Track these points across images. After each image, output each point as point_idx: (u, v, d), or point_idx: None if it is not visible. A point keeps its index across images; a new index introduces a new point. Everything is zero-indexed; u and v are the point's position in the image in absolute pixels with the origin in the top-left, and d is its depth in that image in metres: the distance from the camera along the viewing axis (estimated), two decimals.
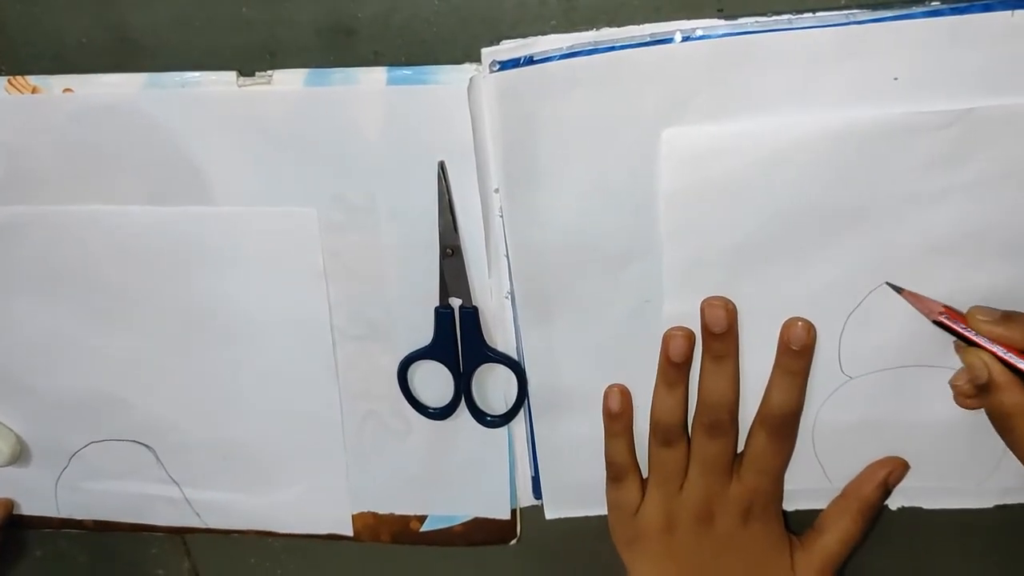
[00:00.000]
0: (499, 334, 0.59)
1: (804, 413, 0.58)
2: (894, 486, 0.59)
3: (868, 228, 0.52)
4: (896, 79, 0.49)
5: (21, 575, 0.73)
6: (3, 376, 0.66)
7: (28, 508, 0.71)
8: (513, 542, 0.66)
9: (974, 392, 0.53)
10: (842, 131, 0.50)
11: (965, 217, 0.52)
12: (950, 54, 0.48)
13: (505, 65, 0.51)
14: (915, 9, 0.47)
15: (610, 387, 0.59)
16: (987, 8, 0.46)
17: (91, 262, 0.61)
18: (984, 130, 0.49)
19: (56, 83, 0.55)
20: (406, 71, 0.53)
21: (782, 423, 0.57)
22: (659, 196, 0.53)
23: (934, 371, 0.56)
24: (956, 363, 0.54)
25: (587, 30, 0.50)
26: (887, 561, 0.64)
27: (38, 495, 0.70)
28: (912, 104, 0.49)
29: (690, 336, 0.56)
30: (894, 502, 0.61)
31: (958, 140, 0.49)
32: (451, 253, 0.57)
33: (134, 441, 0.67)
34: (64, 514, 0.70)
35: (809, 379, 0.57)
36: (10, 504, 0.70)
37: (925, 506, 0.61)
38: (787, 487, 0.61)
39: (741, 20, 0.49)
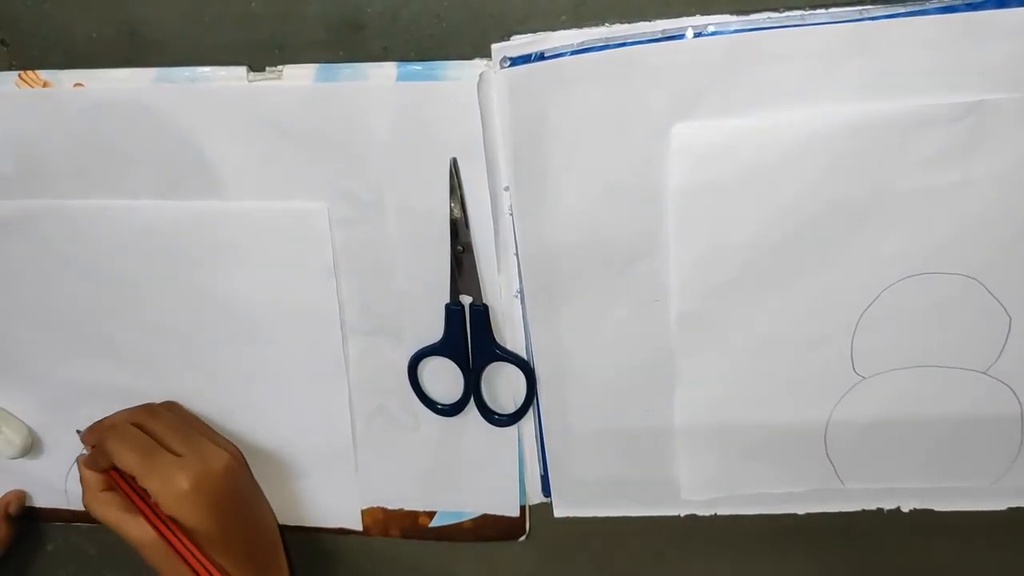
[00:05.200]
0: (508, 332, 0.59)
1: (815, 413, 0.58)
2: None
3: (880, 224, 0.52)
4: (910, 74, 0.48)
5: (34, 568, 0.74)
6: (15, 368, 0.67)
7: (39, 500, 0.71)
8: (522, 539, 0.66)
9: None
10: (854, 126, 0.49)
11: (980, 209, 0.51)
12: (964, 50, 0.47)
13: (515, 61, 0.51)
14: (929, 5, 0.46)
15: None
16: (1001, 4, 0.46)
17: (101, 256, 0.61)
18: (997, 121, 0.49)
19: (66, 78, 0.56)
20: (416, 67, 0.52)
21: None
22: (668, 192, 0.53)
23: (947, 371, 0.55)
24: (967, 363, 0.54)
25: (598, 25, 0.50)
26: (900, 564, 0.63)
27: (49, 487, 0.70)
28: (925, 99, 0.48)
29: None
30: (906, 504, 0.60)
31: (971, 132, 0.49)
32: (462, 250, 0.57)
33: None
34: (74, 507, 0.70)
35: (821, 379, 0.57)
36: (23, 496, 0.71)
37: (937, 508, 0.60)
38: (798, 488, 0.60)
39: (753, 16, 0.48)
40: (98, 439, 0.62)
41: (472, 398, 0.61)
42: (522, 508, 0.65)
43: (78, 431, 0.65)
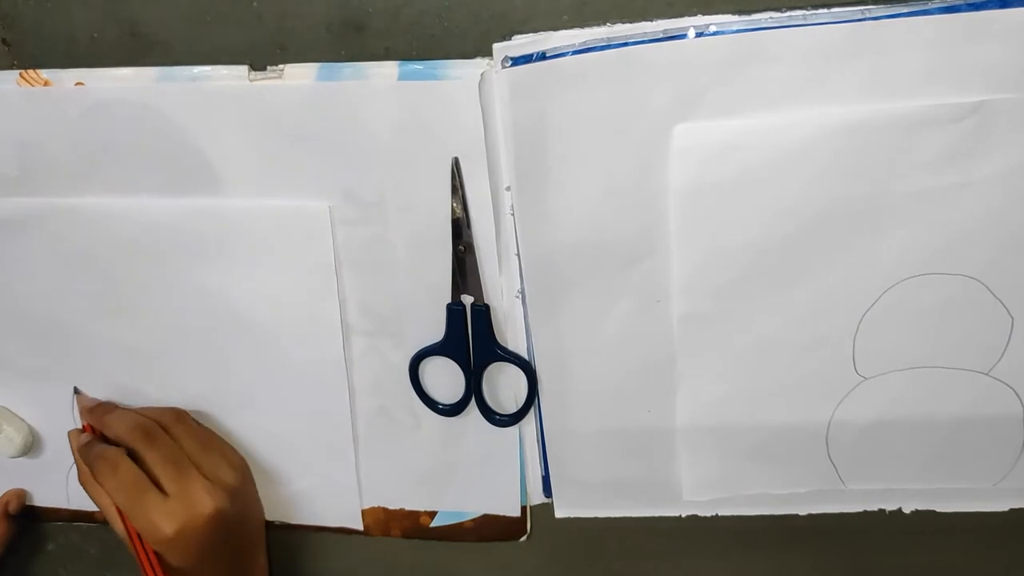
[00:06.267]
0: (510, 332, 0.59)
1: (816, 414, 0.58)
2: None
3: (883, 225, 0.52)
4: (911, 75, 0.48)
5: (35, 568, 0.74)
6: (16, 367, 0.67)
7: (39, 499, 0.71)
8: (523, 539, 0.66)
9: None
10: (856, 126, 0.49)
11: (982, 210, 0.51)
12: (965, 50, 0.47)
13: (517, 61, 0.51)
14: (931, 5, 0.46)
15: None
16: (1003, 4, 0.46)
17: (102, 254, 0.61)
18: (998, 123, 0.49)
19: (67, 77, 0.56)
20: (417, 66, 0.52)
21: None
22: (670, 193, 0.52)
23: (948, 372, 0.55)
24: (969, 364, 0.54)
25: (599, 25, 0.50)
26: (901, 565, 0.63)
27: (49, 486, 0.70)
28: (927, 100, 0.48)
29: None
30: (908, 505, 0.60)
31: (972, 133, 0.49)
32: (463, 250, 0.56)
33: None
34: (74, 506, 0.70)
35: (823, 380, 0.57)
36: (24, 495, 0.71)
37: (938, 509, 0.60)
38: (800, 489, 0.60)
39: (755, 16, 0.48)
40: (97, 423, 0.63)
41: (473, 398, 0.61)
42: (523, 508, 0.65)
43: (76, 390, 0.65)
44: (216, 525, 0.59)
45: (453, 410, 0.62)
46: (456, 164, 0.54)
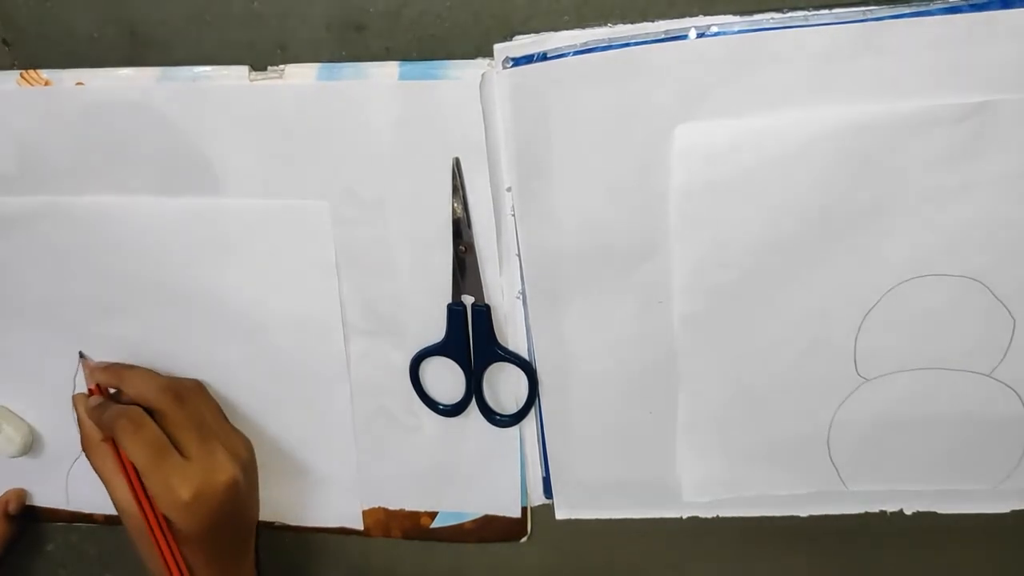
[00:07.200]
0: (510, 333, 0.59)
1: (818, 416, 0.57)
2: None
3: (885, 225, 0.52)
4: (914, 75, 0.48)
5: (35, 568, 0.74)
6: (15, 366, 0.66)
7: (39, 499, 0.71)
8: (523, 540, 0.66)
9: None
10: (858, 127, 0.49)
11: (985, 211, 0.51)
12: (968, 51, 0.47)
13: (518, 61, 0.51)
14: (933, 6, 0.46)
15: None
16: (1006, 5, 0.46)
17: (102, 254, 0.61)
18: (1001, 123, 0.48)
19: (68, 77, 0.55)
20: (417, 66, 0.52)
21: None
22: (671, 193, 0.52)
23: (950, 373, 0.55)
24: (970, 366, 0.54)
25: (600, 26, 0.50)
26: (902, 567, 0.63)
27: (49, 486, 0.70)
28: (929, 100, 0.48)
29: None
30: (909, 507, 0.60)
31: (975, 133, 0.49)
32: (464, 250, 0.56)
33: None
34: (74, 506, 0.70)
35: (824, 381, 0.56)
36: (23, 494, 0.71)
37: (940, 511, 0.60)
38: (801, 491, 0.60)
39: (757, 16, 0.48)
40: (114, 380, 0.63)
41: (474, 398, 0.61)
42: (523, 509, 0.65)
43: (81, 354, 0.65)
44: (231, 494, 0.59)
45: (453, 410, 0.61)
46: (457, 164, 0.54)
